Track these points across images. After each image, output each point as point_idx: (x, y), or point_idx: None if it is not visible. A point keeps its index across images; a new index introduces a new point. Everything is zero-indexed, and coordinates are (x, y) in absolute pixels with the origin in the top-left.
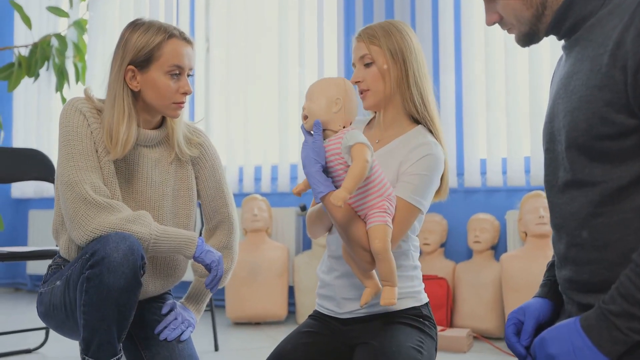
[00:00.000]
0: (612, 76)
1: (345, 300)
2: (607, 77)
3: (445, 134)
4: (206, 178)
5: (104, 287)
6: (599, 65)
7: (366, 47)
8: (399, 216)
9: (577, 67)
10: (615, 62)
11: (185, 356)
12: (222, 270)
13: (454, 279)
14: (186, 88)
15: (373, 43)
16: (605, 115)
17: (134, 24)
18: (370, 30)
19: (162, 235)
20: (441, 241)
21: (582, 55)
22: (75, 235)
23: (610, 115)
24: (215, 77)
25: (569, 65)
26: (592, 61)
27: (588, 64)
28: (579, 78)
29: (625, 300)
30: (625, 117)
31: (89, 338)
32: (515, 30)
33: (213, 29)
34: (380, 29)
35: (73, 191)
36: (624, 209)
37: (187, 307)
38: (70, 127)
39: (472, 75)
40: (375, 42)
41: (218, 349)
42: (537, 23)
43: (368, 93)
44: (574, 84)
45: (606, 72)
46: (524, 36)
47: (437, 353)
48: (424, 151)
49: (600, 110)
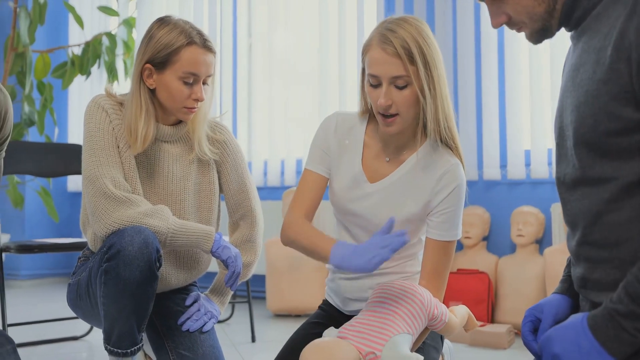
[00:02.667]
0: (617, 69)
1: (350, 300)
2: (611, 70)
3: (488, 124)
4: (228, 172)
5: (120, 280)
6: (604, 58)
7: (403, 67)
8: (441, 255)
9: (583, 59)
10: (619, 54)
11: (207, 346)
12: (239, 267)
13: (496, 273)
14: (198, 95)
15: (410, 61)
16: (611, 110)
17: (162, 20)
18: (402, 40)
19: (179, 229)
20: (483, 234)
21: (589, 46)
22: (96, 228)
23: (617, 110)
24: (257, 72)
25: (576, 57)
26: (598, 53)
27: (594, 56)
28: (586, 70)
29: (632, 300)
30: (632, 110)
31: (110, 328)
32: (526, 29)
33: (255, 24)
34: (413, 41)
35: (94, 185)
36: (635, 206)
37: (211, 299)
38: (93, 123)
39: (515, 63)
40: (412, 59)
41: (255, 340)
42: (549, 19)
43: (397, 119)
44: (580, 76)
45: (610, 65)
46: (537, 33)
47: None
48: (451, 183)
49: (606, 106)
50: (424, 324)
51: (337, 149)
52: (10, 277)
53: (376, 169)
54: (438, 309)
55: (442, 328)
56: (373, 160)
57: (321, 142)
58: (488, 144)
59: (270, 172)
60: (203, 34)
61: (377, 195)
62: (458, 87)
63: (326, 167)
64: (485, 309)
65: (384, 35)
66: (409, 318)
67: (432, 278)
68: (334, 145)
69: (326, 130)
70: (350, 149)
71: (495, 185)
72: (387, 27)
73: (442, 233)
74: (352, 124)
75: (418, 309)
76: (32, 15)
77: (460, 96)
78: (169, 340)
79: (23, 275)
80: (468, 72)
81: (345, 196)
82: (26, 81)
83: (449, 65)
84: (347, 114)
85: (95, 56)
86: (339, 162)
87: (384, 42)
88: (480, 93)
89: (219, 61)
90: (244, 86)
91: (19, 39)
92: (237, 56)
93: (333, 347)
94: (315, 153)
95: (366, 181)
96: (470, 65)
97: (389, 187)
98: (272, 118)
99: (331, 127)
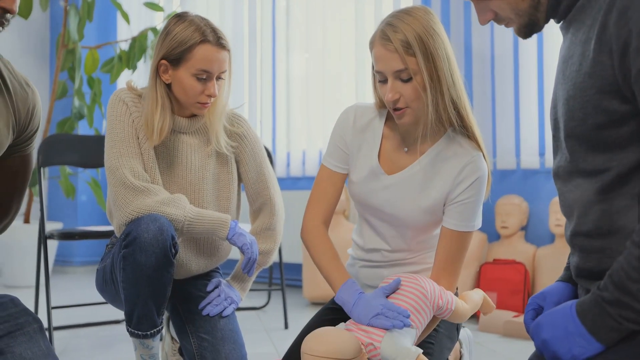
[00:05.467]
0: (600, 61)
1: (368, 287)
2: (595, 63)
3: (526, 112)
4: (246, 162)
5: (137, 265)
6: (588, 50)
7: (401, 61)
8: (456, 245)
9: (571, 51)
10: (601, 46)
11: (226, 330)
12: (255, 254)
13: (534, 264)
14: (211, 91)
15: (409, 54)
16: (597, 103)
17: (179, 16)
18: (400, 34)
19: (195, 217)
20: (521, 224)
21: (576, 38)
22: (117, 217)
23: (603, 103)
24: (295, 74)
25: (565, 48)
26: (583, 45)
27: (580, 48)
28: (573, 63)
29: (617, 288)
30: (618, 103)
31: (130, 311)
32: (513, 24)
33: (293, 27)
34: (413, 33)
35: (114, 176)
36: (626, 197)
37: (232, 285)
38: (114, 116)
39: (553, 49)
40: (411, 51)
41: (288, 327)
42: (535, 12)
43: (407, 111)
44: (569, 69)
45: (594, 58)
46: (525, 27)
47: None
48: (473, 174)
49: (593, 99)
50: (429, 316)
51: (356, 141)
52: (66, 263)
53: (394, 161)
54: (443, 299)
55: (450, 316)
56: (392, 152)
57: (337, 137)
58: (526, 132)
59: (307, 162)
60: (217, 32)
61: (394, 187)
62: (495, 74)
63: (342, 162)
64: (521, 300)
65: (383, 31)
66: (413, 313)
67: (445, 267)
68: (352, 138)
69: (344, 123)
70: (368, 141)
71: (534, 174)
72: (388, 21)
73: (459, 223)
74: (372, 116)
75: (422, 302)
76: (81, 13)
77: (497, 83)
78: (190, 324)
79: (77, 262)
80: (507, 65)
81: (363, 188)
82: (76, 76)
83: (485, 49)
84: (366, 106)
85: (142, 51)
86: (357, 154)
87: (383, 38)
88: (518, 80)
89: (259, 55)
90: (282, 80)
91: (69, 36)
92: (275, 49)
93: (332, 336)
94: (331, 148)
95: (383, 173)
96: (510, 55)
97: (407, 179)
98: (309, 111)
99: (349, 119)
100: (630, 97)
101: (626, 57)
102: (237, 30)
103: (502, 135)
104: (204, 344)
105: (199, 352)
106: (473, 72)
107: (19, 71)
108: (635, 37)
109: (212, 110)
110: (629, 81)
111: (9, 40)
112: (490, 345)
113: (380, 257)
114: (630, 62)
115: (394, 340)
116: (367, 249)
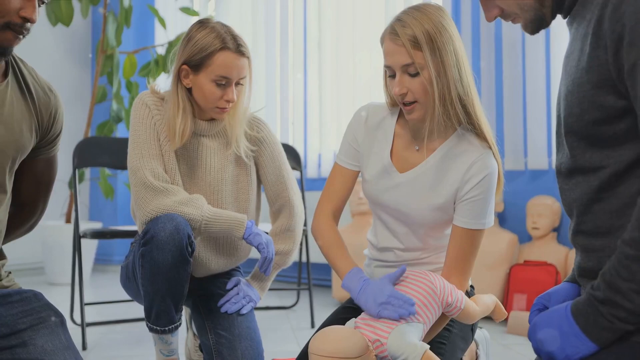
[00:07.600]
0: (596, 57)
1: None
2: (591, 58)
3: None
4: (266, 165)
5: (154, 263)
6: (586, 45)
7: (408, 55)
8: (467, 243)
9: (572, 46)
10: (598, 41)
11: (244, 327)
12: (271, 253)
13: (566, 265)
14: (230, 96)
15: (416, 48)
16: (594, 98)
17: (201, 22)
18: (409, 29)
19: (212, 217)
20: (553, 225)
21: (577, 33)
22: (138, 216)
23: (599, 99)
24: (326, 75)
25: (569, 44)
26: (582, 40)
27: (579, 43)
28: (573, 59)
29: (608, 287)
30: (614, 98)
31: (149, 307)
32: (520, 20)
33: (324, 29)
34: (420, 28)
35: (136, 176)
36: (623, 195)
37: (251, 284)
38: (137, 118)
39: None
40: (418, 46)
41: (314, 326)
42: (540, 8)
43: (416, 105)
44: (570, 64)
45: (590, 53)
46: (531, 23)
47: (473, 334)
48: (481, 172)
49: (589, 94)
50: (437, 312)
51: (368, 139)
52: (105, 262)
53: (406, 159)
54: (452, 297)
55: (458, 315)
56: (403, 150)
57: (350, 135)
58: None
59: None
60: (237, 39)
61: (406, 185)
62: (526, 73)
63: (353, 160)
64: None
65: (392, 26)
66: (420, 307)
67: (456, 265)
68: (364, 136)
69: (357, 121)
70: (380, 140)
71: None
72: (399, 17)
73: (469, 221)
74: (384, 115)
75: (430, 297)
76: (119, 20)
77: (528, 82)
78: (208, 321)
79: (116, 261)
80: (539, 61)
81: (375, 186)
82: (114, 80)
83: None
84: (379, 104)
85: None
86: (370, 152)
87: (392, 33)
88: (549, 78)
89: (291, 57)
90: (314, 81)
91: (107, 42)
92: (307, 51)
93: (338, 335)
94: (344, 146)
95: (395, 171)
96: (541, 51)
97: (419, 177)
98: (340, 112)
99: (362, 117)
100: (624, 93)
101: (620, 51)
102: (269, 32)
103: (533, 134)
104: (222, 340)
105: (216, 348)
106: (503, 63)
107: (42, 77)
108: (628, 31)
109: (232, 115)
110: (622, 76)
111: (53, 47)
112: (517, 348)
113: (393, 257)
114: (624, 56)
115: (401, 336)
116: (380, 247)
